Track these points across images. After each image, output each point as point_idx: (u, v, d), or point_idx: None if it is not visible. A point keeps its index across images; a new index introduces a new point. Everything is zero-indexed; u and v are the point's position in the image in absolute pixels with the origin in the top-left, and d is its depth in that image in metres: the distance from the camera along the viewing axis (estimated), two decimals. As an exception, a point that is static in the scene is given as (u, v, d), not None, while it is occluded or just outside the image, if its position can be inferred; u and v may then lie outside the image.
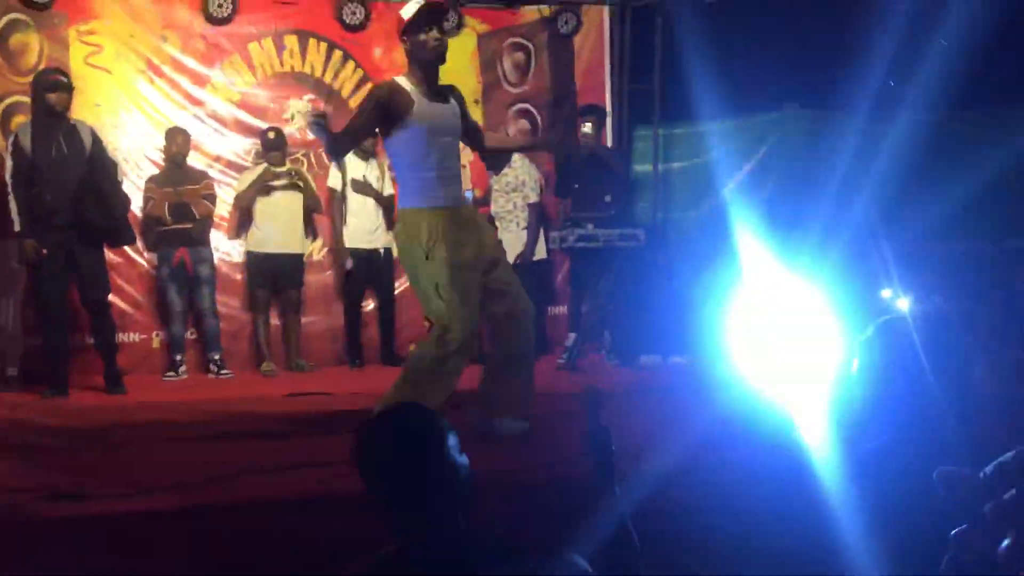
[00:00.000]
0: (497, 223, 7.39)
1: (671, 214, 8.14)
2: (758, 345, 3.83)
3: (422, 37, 4.15)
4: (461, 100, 4.47)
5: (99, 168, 5.98)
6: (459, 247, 4.14)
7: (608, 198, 7.08)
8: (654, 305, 7.11)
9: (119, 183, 6.29)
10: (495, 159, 7.32)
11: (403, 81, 4.23)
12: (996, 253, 6.00)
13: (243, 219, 7.20)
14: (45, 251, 5.84)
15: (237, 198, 7.14)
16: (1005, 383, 4.16)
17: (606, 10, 8.35)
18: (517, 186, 7.35)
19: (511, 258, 7.31)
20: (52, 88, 5.89)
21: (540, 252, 7.48)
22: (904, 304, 4.95)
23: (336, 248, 7.36)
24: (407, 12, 4.17)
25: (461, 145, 4.55)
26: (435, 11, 4.23)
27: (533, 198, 7.33)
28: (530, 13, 8.26)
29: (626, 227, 7.09)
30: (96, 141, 6.06)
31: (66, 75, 6.14)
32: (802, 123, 7.48)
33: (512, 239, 7.25)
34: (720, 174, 7.43)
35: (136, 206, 6.88)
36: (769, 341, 3.90)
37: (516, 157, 7.45)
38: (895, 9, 6.05)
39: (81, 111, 6.85)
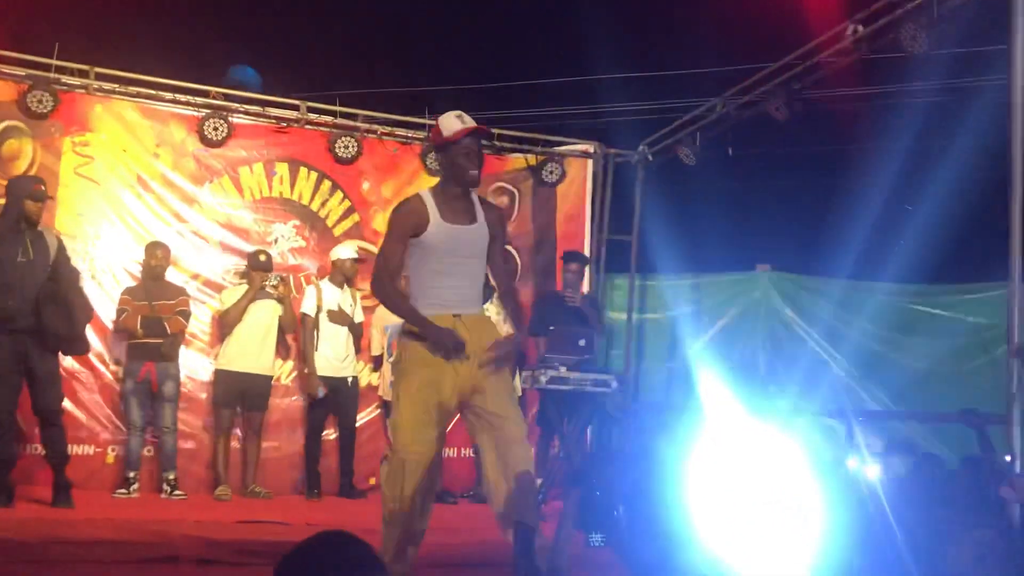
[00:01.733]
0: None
1: (643, 364, 8.16)
2: (719, 502, 3.75)
3: (457, 159, 3.94)
4: (497, 222, 4.16)
5: (62, 276, 5.87)
6: (430, 370, 3.91)
7: (582, 342, 7.08)
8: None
9: (82, 292, 6.17)
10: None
11: (426, 196, 4.03)
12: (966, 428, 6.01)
13: (225, 335, 7.11)
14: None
15: (225, 313, 7.07)
16: (978, 562, 4.09)
17: (590, 163, 8.61)
18: (496, 324, 7.35)
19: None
20: (34, 197, 5.82)
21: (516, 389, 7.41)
22: (872, 469, 4.90)
23: (308, 375, 7.26)
24: (447, 128, 3.96)
25: None
26: (475, 136, 3.98)
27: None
28: (517, 160, 8.49)
29: (599, 372, 7.07)
30: (60, 249, 5.95)
31: (43, 184, 6.02)
32: (774, 285, 7.61)
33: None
34: (692, 329, 7.49)
35: (108, 317, 6.79)
36: (734, 502, 3.82)
37: (492, 301, 7.50)
38: (873, 185, 6.31)
39: (63, 219, 6.88)
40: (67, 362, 6.54)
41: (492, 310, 7.49)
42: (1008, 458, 4.44)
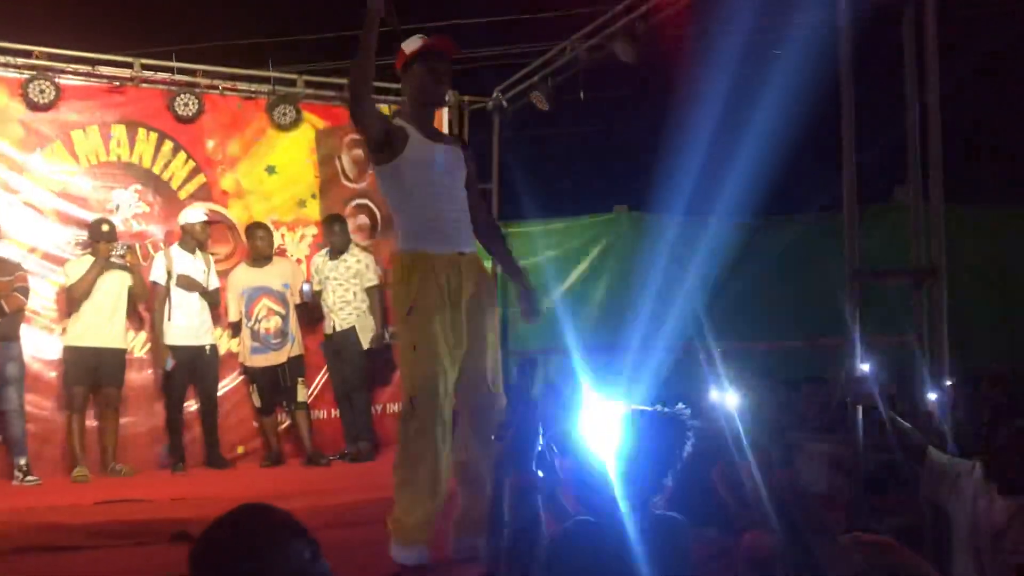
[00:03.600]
0: (333, 315, 7.28)
1: (507, 310, 8.24)
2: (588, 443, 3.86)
3: (417, 76, 3.83)
4: (465, 149, 4.03)
5: None
6: (441, 310, 3.71)
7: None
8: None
9: None
10: (338, 244, 7.28)
11: (396, 119, 3.88)
12: (811, 351, 6.35)
13: (73, 310, 6.77)
14: None
15: (72, 287, 6.73)
16: (818, 471, 4.37)
17: (445, 111, 8.53)
18: (357, 272, 7.30)
19: (365, 344, 7.23)
20: None
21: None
22: (732, 399, 5.14)
23: (156, 346, 7.04)
24: (408, 46, 3.86)
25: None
26: (435, 52, 3.86)
27: (375, 281, 7.28)
28: (369, 111, 8.33)
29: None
30: None
31: None
32: (632, 224, 7.79)
33: (363, 324, 7.24)
34: (557, 273, 7.61)
35: (-63, 299, 6.38)
36: (597, 439, 3.95)
37: (355, 247, 7.43)
38: (715, 117, 6.51)
39: None
40: None
41: (358, 251, 7.44)
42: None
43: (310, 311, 7.48)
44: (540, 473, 2.16)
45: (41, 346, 6.95)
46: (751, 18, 5.94)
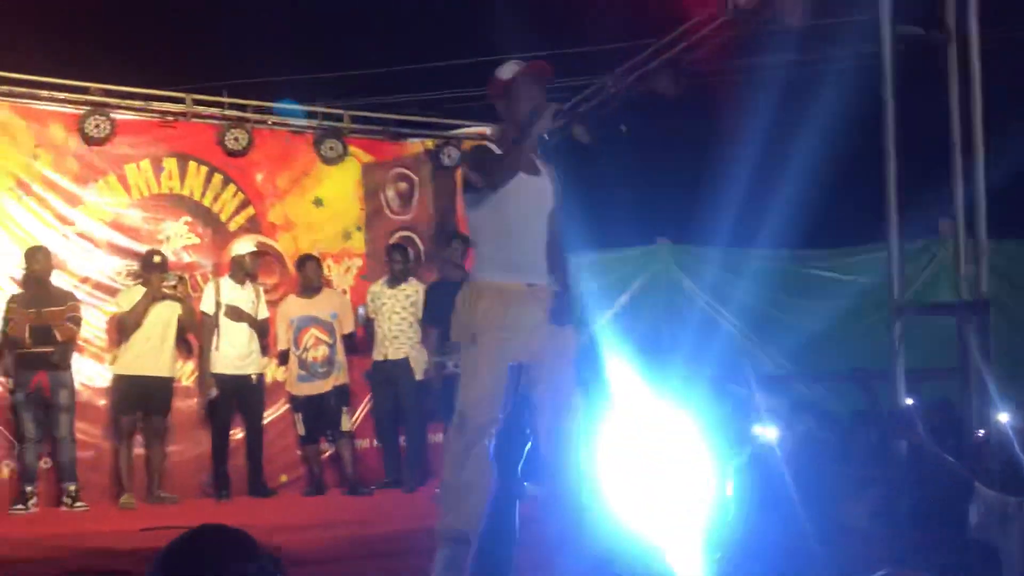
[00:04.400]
0: (386, 343, 7.33)
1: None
2: (627, 473, 3.85)
3: (519, 103, 3.74)
4: (558, 179, 3.95)
5: None
6: (508, 335, 3.64)
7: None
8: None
9: None
10: (398, 273, 7.36)
11: (492, 145, 3.85)
12: (856, 385, 6.27)
13: (123, 339, 6.90)
14: None
15: (124, 317, 6.86)
16: (871, 516, 4.29)
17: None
18: (414, 303, 7.37)
19: (419, 375, 7.28)
20: None
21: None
22: (772, 432, 5.09)
23: (201, 374, 7.14)
24: (504, 73, 3.81)
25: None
26: (537, 75, 3.83)
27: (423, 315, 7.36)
28: (414, 145, 8.47)
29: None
30: None
31: None
32: (673, 257, 7.78)
33: (415, 355, 7.30)
34: (596, 305, 7.60)
35: (-4, 327, 6.55)
36: (639, 469, 3.93)
37: (412, 277, 7.53)
38: (759, 150, 6.51)
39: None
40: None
41: (414, 280, 7.52)
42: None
43: (357, 339, 7.56)
44: (525, 483, 2.10)
45: (91, 374, 7.09)
46: (793, 51, 5.95)
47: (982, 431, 4.27)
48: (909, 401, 4.05)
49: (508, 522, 1.96)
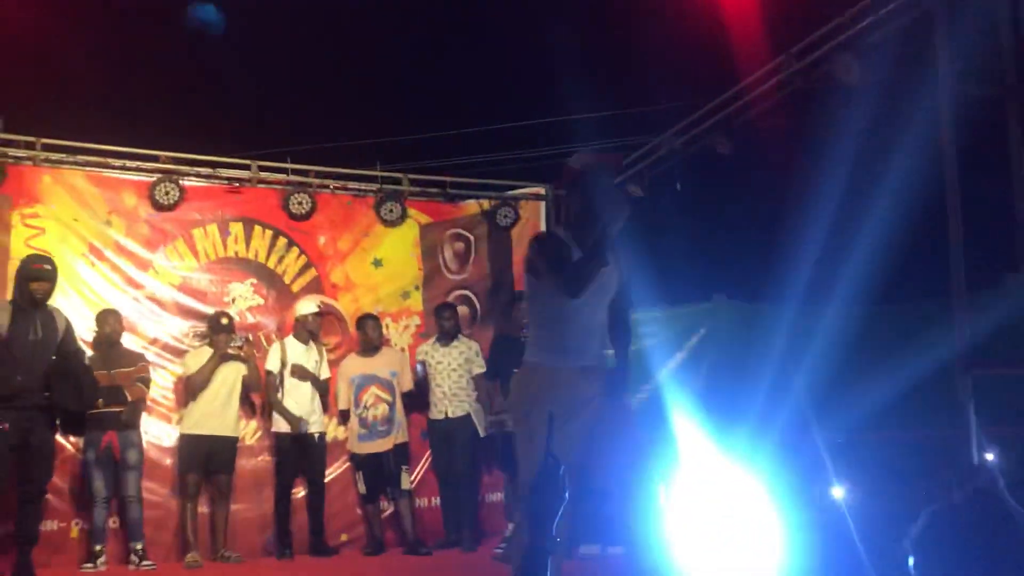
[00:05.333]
0: (446, 400, 7.37)
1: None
2: (697, 534, 3.80)
3: (584, 193, 3.78)
4: (622, 264, 3.94)
5: (70, 354, 6.08)
6: (558, 415, 3.63)
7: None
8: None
9: (90, 371, 6.27)
10: (449, 330, 7.48)
11: (560, 232, 3.90)
12: (923, 443, 6.13)
13: (190, 399, 7.03)
14: (6, 426, 5.74)
15: (191, 378, 7.01)
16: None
17: (543, 205, 8.72)
18: (468, 359, 7.44)
19: (482, 431, 7.31)
20: (35, 278, 6.02)
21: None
22: (839, 493, 4.97)
23: (280, 417, 7.19)
24: (576, 163, 3.86)
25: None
26: (608, 167, 3.90)
27: (483, 368, 7.39)
28: (470, 206, 8.58)
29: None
30: (68, 328, 6.16)
31: (51, 263, 6.21)
32: (731, 313, 7.71)
33: (477, 411, 7.40)
34: (655, 361, 7.56)
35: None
36: (708, 530, 3.88)
37: (461, 335, 7.60)
38: (820, 207, 6.48)
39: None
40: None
41: (463, 338, 7.59)
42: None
43: (414, 397, 7.60)
44: (558, 539, 2.07)
45: (159, 434, 7.21)
46: (848, 108, 5.95)
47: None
48: (990, 456, 3.95)
49: None
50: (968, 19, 4.89)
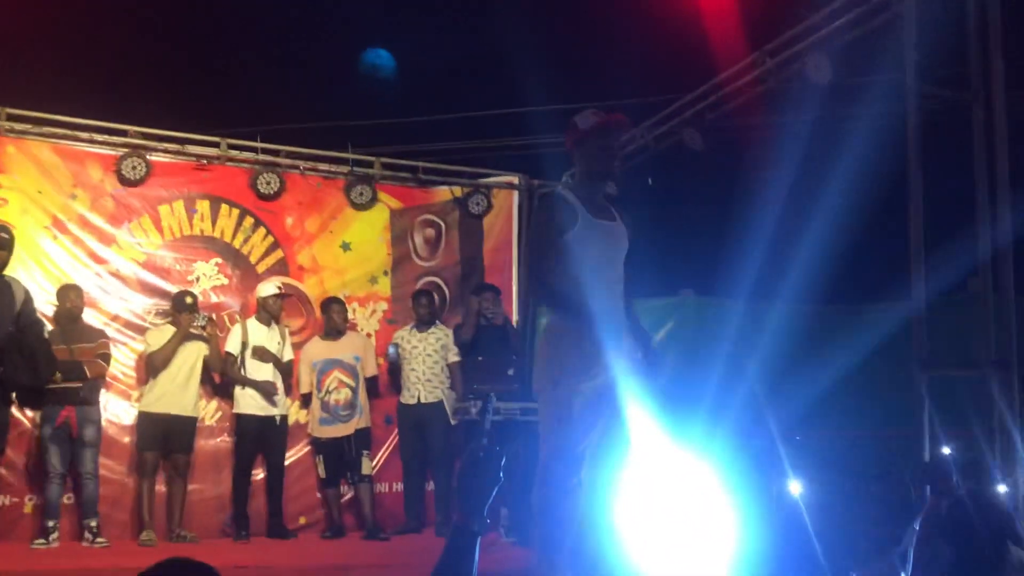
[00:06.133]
0: (419, 386, 7.39)
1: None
2: (647, 523, 3.84)
3: (592, 151, 3.86)
4: (632, 224, 4.05)
5: (28, 327, 5.90)
6: (590, 375, 3.73)
7: (511, 371, 7.15)
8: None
9: (47, 343, 6.11)
10: (425, 318, 7.49)
11: (566, 193, 3.91)
12: (878, 443, 6.23)
13: (151, 377, 6.98)
14: None
15: (152, 356, 6.95)
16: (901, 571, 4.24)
17: (515, 194, 8.74)
18: (444, 346, 7.48)
19: (452, 420, 7.34)
20: None
21: None
22: (796, 487, 5.04)
23: (254, 388, 7.12)
24: (583, 122, 3.90)
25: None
26: (610, 128, 3.92)
27: (458, 358, 7.42)
28: (442, 193, 8.57)
29: (528, 401, 7.14)
30: (27, 300, 5.98)
31: (8, 232, 6.05)
32: (697, 309, 7.79)
33: (449, 399, 7.43)
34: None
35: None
36: (659, 519, 3.92)
37: (438, 321, 7.62)
38: (784, 204, 6.55)
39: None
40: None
41: (441, 325, 7.62)
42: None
43: (385, 381, 7.61)
44: (488, 520, 2.05)
45: (117, 411, 7.17)
46: (818, 107, 6.01)
47: (1003, 488, 4.22)
48: (946, 450, 4.03)
49: (467, 562, 1.92)
50: (936, 24, 4.95)
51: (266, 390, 7.10)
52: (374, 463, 7.62)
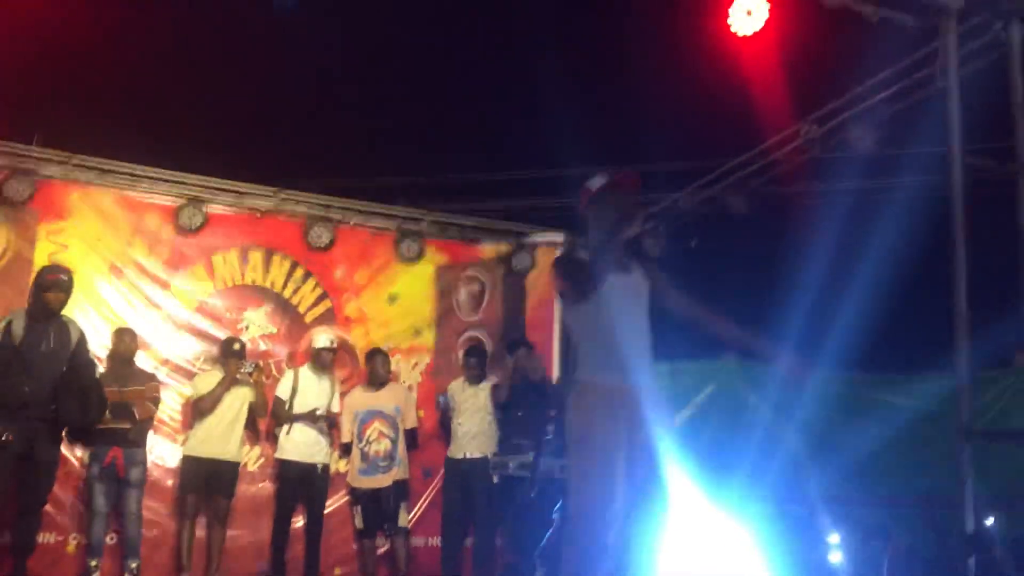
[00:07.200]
0: (467, 440, 7.42)
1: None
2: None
3: (607, 207, 3.91)
4: (652, 267, 4.10)
5: (80, 367, 6.06)
6: (615, 434, 3.75)
7: (551, 428, 7.18)
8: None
9: (100, 385, 6.25)
10: (476, 374, 7.54)
11: (586, 255, 3.96)
12: (924, 511, 6.15)
13: (197, 421, 7.11)
14: (10, 437, 5.71)
15: (199, 400, 7.08)
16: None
17: (558, 252, 8.83)
18: (485, 403, 7.49)
19: (495, 478, 7.32)
20: (50, 287, 6.04)
21: None
22: (836, 556, 5.01)
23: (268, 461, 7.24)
24: (594, 184, 3.96)
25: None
26: (626, 186, 3.97)
27: (498, 415, 7.45)
28: (487, 249, 8.71)
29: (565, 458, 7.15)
30: (81, 340, 6.15)
31: (68, 274, 6.23)
32: (740, 373, 7.78)
33: (492, 459, 7.32)
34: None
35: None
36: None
37: (491, 377, 7.65)
38: (827, 270, 6.58)
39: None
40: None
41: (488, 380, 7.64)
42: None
43: (430, 432, 7.70)
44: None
45: (163, 454, 7.30)
46: (862, 176, 6.07)
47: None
48: (990, 521, 3.99)
49: None
50: (981, 95, 5.02)
51: (312, 419, 7.15)
52: (411, 516, 7.65)
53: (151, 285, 7.55)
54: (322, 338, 7.55)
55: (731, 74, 6.84)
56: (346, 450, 7.61)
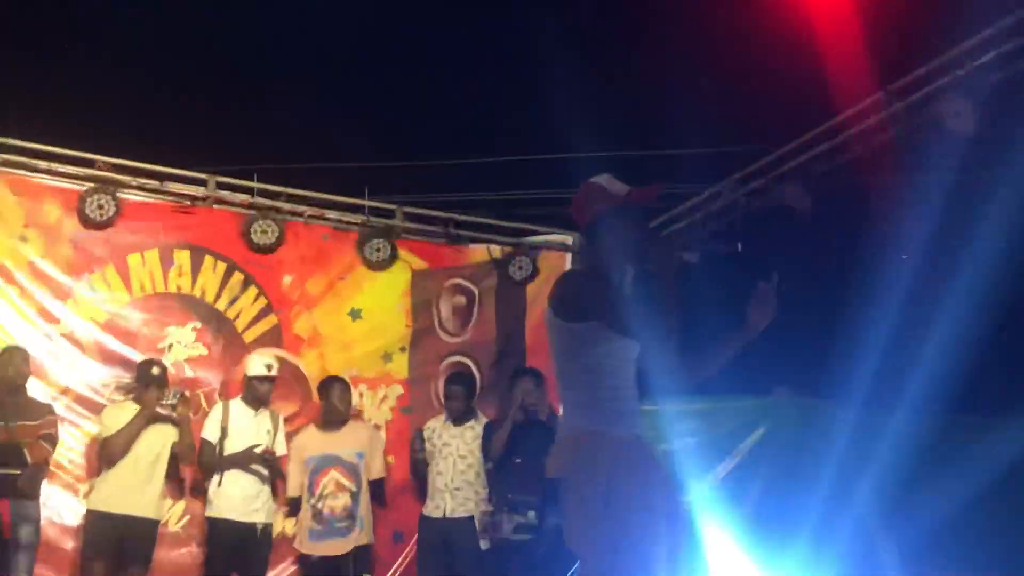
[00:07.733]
0: (446, 495, 7.34)
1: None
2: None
3: (616, 229, 3.92)
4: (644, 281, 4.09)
5: None
6: (646, 488, 3.76)
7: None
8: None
9: None
10: (461, 410, 7.46)
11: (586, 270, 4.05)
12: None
13: (105, 467, 6.99)
14: None
15: (108, 440, 6.96)
16: None
17: (568, 257, 8.77)
18: (479, 446, 7.39)
19: (484, 543, 7.23)
20: None
21: None
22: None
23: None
24: (613, 187, 3.96)
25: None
26: (635, 206, 3.98)
27: (490, 465, 7.34)
28: (477, 252, 8.65)
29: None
30: None
31: None
32: (795, 411, 7.73)
33: (480, 516, 7.30)
34: (698, 465, 7.54)
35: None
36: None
37: (481, 413, 7.58)
38: (906, 288, 6.53)
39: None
40: None
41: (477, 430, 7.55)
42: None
43: (381, 492, 7.60)
44: None
45: (60, 508, 7.22)
46: (957, 163, 6.02)
47: None
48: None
49: None
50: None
51: (248, 460, 7.07)
52: (377, 592, 7.57)
53: (47, 293, 7.47)
54: (256, 363, 7.43)
55: (786, 30, 6.80)
56: (294, 507, 7.51)
